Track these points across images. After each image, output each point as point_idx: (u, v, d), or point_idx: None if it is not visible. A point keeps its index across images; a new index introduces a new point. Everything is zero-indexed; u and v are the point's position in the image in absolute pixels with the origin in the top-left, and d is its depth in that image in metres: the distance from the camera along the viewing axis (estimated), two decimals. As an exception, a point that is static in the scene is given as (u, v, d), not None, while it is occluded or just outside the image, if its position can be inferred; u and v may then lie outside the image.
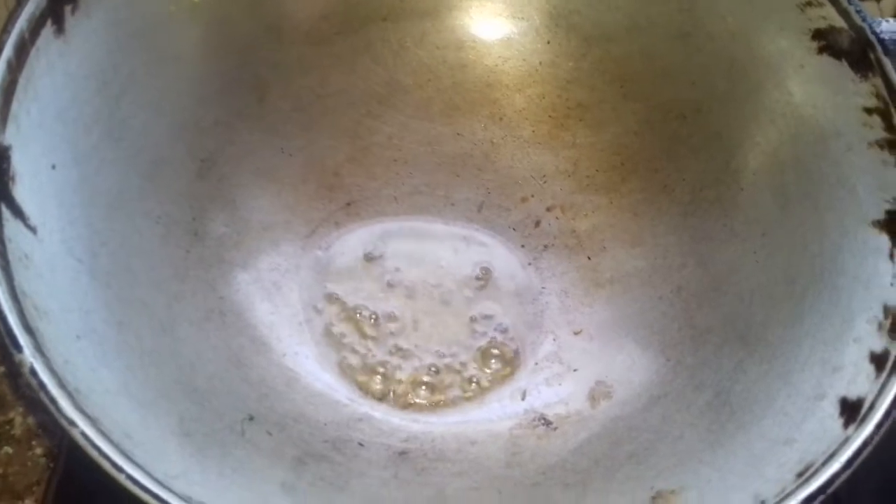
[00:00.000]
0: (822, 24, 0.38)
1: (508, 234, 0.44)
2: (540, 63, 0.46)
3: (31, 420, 0.42)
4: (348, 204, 0.44)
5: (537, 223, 0.45)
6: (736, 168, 0.41)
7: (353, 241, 0.43)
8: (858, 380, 0.31)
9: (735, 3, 0.40)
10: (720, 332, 0.38)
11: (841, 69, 0.37)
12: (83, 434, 0.26)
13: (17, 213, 0.30)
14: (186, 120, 0.40)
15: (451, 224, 0.44)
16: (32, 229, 0.31)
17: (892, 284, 0.32)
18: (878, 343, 0.31)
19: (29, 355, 0.26)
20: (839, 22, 0.37)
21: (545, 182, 0.46)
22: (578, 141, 0.46)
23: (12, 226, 0.30)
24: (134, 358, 0.32)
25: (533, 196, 0.45)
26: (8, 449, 0.44)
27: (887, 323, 0.32)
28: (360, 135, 0.45)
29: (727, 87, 0.41)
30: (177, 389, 0.32)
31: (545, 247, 0.44)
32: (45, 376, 0.26)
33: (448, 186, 0.45)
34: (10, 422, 0.45)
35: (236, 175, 0.42)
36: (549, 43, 0.46)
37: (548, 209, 0.45)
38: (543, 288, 0.43)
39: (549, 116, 0.46)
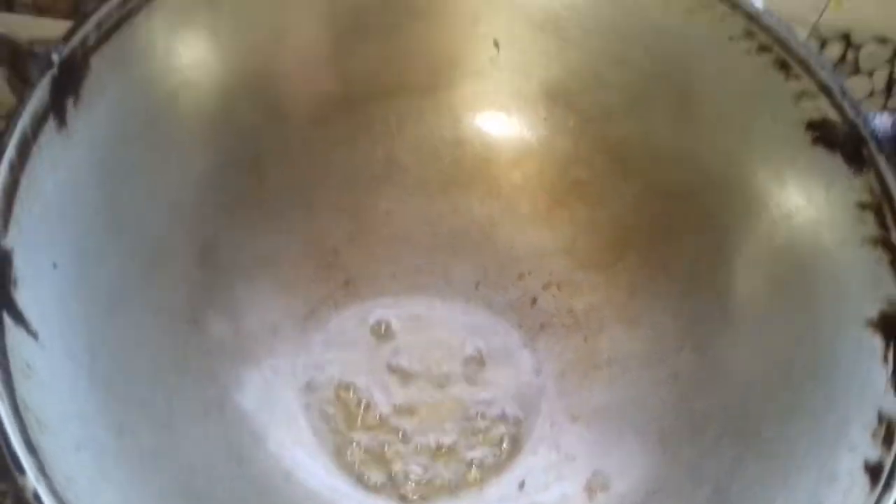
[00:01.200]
0: (816, 116, 0.38)
1: (506, 314, 0.44)
2: (537, 140, 0.47)
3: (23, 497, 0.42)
4: (346, 283, 0.44)
5: (534, 301, 0.45)
6: (730, 253, 0.41)
7: (351, 323, 0.43)
8: (854, 492, 0.31)
9: (729, 90, 0.41)
10: (718, 423, 0.38)
11: (835, 162, 0.37)
12: (85, 564, 0.26)
13: (19, 319, 0.30)
14: (186, 205, 0.40)
15: (448, 302, 0.45)
16: (34, 335, 0.31)
17: (886, 390, 0.33)
18: (872, 452, 0.32)
19: (32, 479, 0.26)
20: (833, 114, 0.38)
21: (542, 259, 0.46)
22: (576, 218, 0.46)
23: (14, 334, 0.30)
24: (134, 464, 0.32)
25: (530, 273, 0.45)
26: (2, 520, 0.44)
27: (881, 431, 0.32)
28: (358, 213, 0.45)
29: (721, 172, 0.42)
30: (177, 495, 0.32)
31: (542, 326, 0.44)
32: (48, 501, 0.26)
33: (446, 264, 0.45)
34: (4, 493, 0.45)
35: (236, 259, 0.42)
36: (546, 120, 0.46)
37: (544, 287, 0.45)
38: (540, 370, 0.43)
39: (547, 193, 0.47)
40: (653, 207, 0.44)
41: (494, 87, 0.46)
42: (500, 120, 0.47)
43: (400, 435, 0.40)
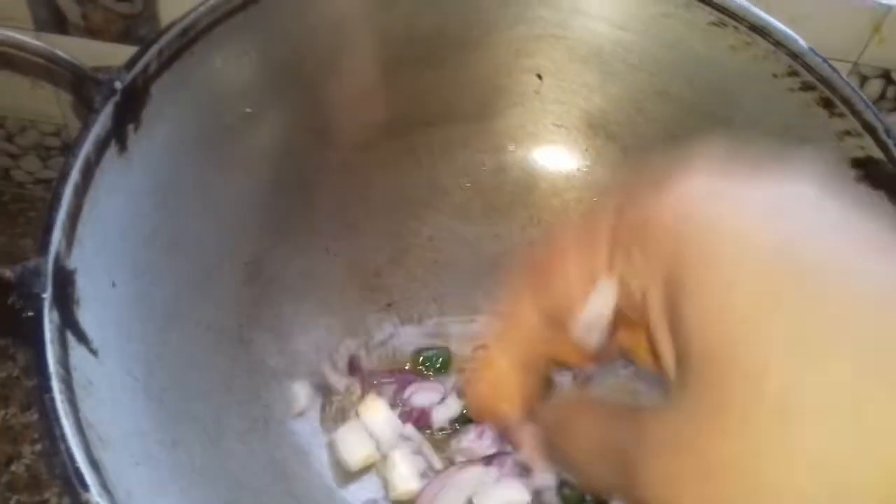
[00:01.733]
0: (861, 154, 0.38)
1: (545, 340, 0.45)
2: (577, 169, 0.48)
3: (66, 501, 0.43)
4: (388, 305, 0.45)
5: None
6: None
7: (393, 344, 0.44)
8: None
9: (772, 127, 0.41)
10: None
11: (880, 200, 0.38)
12: (146, 578, 0.27)
13: (82, 338, 0.31)
14: (237, 226, 0.41)
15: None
16: (94, 352, 0.32)
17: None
18: None
19: (96, 494, 0.27)
20: (878, 153, 0.38)
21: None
22: (615, 246, 0.47)
23: (77, 353, 0.30)
24: (186, 478, 0.33)
25: (569, 300, 0.46)
26: (43, 530, 0.45)
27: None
28: (401, 236, 0.46)
29: (764, 206, 0.42)
30: (227, 511, 0.33)
31: (581, 353, 0.45)
32: (111, 517, 0.27)
33: (488, 290, 0.46)
34: (46, 502, 0.46)
35: (282, 278, 0.43)
36: (586, 150, 0.47)
37: (583, 313, 0.46)
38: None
39: (586, 221, 0.47)
40: (692, 238, 0.45)
41: (537, 118, 0.47)
42: (541, 149, 0.48)
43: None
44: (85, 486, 0.27)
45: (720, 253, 0.16)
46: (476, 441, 0.40)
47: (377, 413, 0.39)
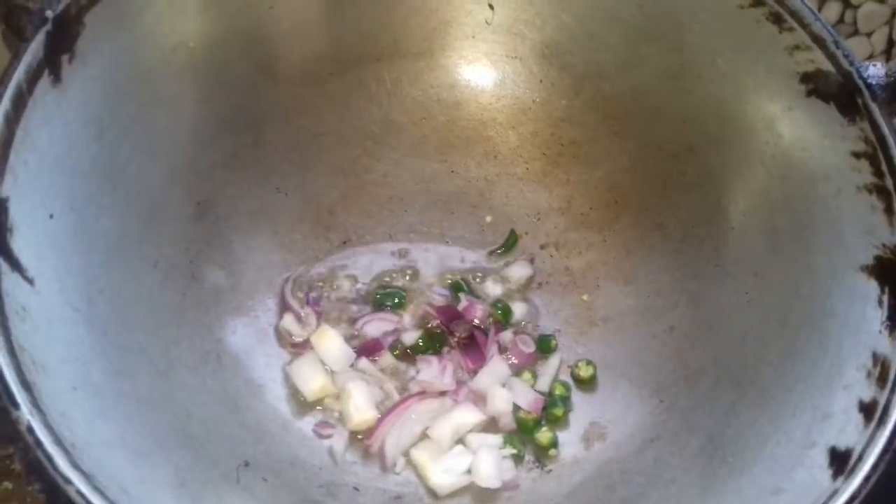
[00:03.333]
0: (810, 68, 0.38)
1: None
2: (533, 101, 0.47)
3: (31, 456, 0.42)
4: (344, 242, 0.44)
5: (531, 260, 0.45)
6: (726, 207, 0.42)
7: (348, 281, 0.43)
8: (848, 429, 0.31)
9: (724, 45, 0.41)
10: (713, 374, 0.38)
11: (829, 112, 0.37)
12: (79, 492, 0.26)
13: (15, 265, 0.31)
14: (183, 163, 0.40)
15: (446, 262, 0.45)
16: (30, 281, 0.31)
17: (880, 332, 0.33)
18: (866, 392, 0.32)
19: (26, 412, 0.27)
20: (827, 66, 0.37)
21: (539, 219, 0.46)
22: (572, 178, 0.46)
23: (10, 279, 0.30)
24: (130, 407, 0.32)
25: (527, 233, 0.46)
26: (7, 484, 0.44)
27: (876, 371, 0.32)
28: (355, 173, 0.46)
29: (717, 128, 0.42)
30: (173, 438, 0.33)
31: (539, 284, 0.45)
32: (41, 434, 0.27)
33: (442, 224, 0.46)
34: (10, 456, 0.45)
35: (232, 216, 0.42)
36: (541, 81, 0.47)
37: (542, 246, 0.45)
38: (538, 326, 0.43)
39: (543, 154, 0.47)
40: (648, 166, 0.45)
41: (490, 49, 0.46)
42: (495, 81, 0.47)
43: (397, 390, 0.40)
44: (15, 405, 0.27)
45: None
46: (437, 376, 0.40)
47: (331, 342, 0.39)
